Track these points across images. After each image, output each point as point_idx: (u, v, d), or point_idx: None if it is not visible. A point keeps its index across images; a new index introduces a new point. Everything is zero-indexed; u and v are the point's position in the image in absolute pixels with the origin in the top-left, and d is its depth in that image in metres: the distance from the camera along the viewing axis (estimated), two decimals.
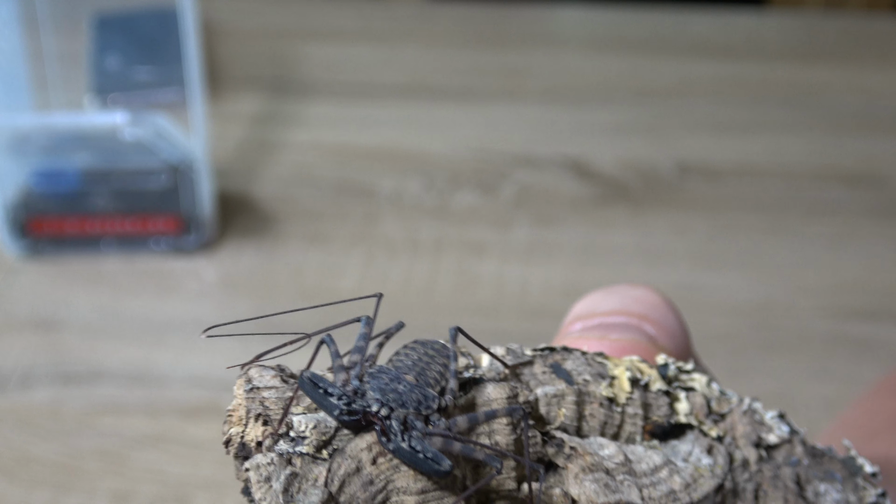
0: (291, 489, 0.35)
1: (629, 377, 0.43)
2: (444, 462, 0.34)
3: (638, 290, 0.51)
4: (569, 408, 0.42)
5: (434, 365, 0.39)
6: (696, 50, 1.42)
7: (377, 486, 0.35)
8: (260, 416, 0.38)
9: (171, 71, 1.15)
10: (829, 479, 0.46)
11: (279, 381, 0.39)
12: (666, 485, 0.41)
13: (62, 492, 0.84)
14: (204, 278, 1.04)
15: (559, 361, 0.43)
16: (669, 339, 0.49)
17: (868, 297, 1.04)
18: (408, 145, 1.23)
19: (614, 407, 0.43)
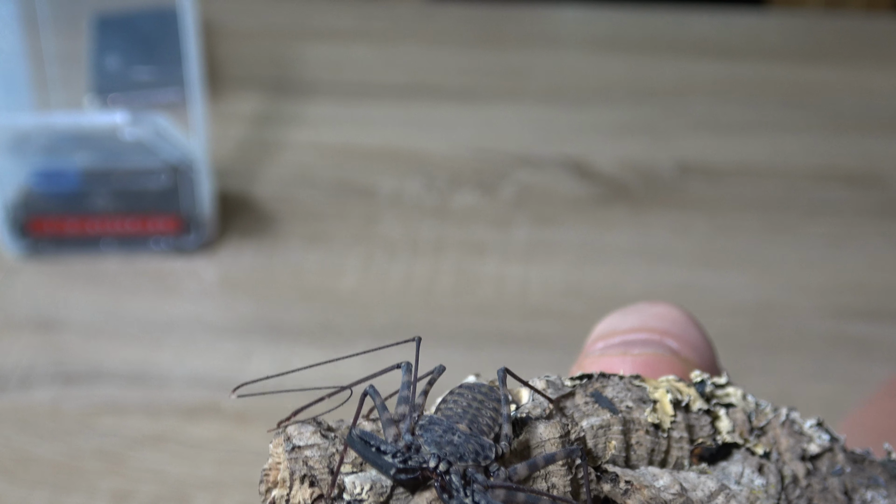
0: None
1: (670, 399, 0.43)
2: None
3: (658, 307, 0.51)
4: (616, 438, 0.41)
5: (485, 410, 0.37)
6: (696, 50, 1.42)
7: None
8: (306, 478, 0.36)
9: (171, 71, 1.15)
10: (874, 486, 0.46)
11: (319, 437, 0.38)
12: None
13: (62, 492, 0.84)
14: (204, 278, 1.04)
15: (599, 389, 0.42)
16: (693, 352, 0.49)
17: (868, 297, 1.04)
18: (408, 145, 1.23)
19: (660, 433, 0.42)
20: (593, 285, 1.11)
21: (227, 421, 0.88)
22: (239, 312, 1.00)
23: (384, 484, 0.35)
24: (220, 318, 1.00)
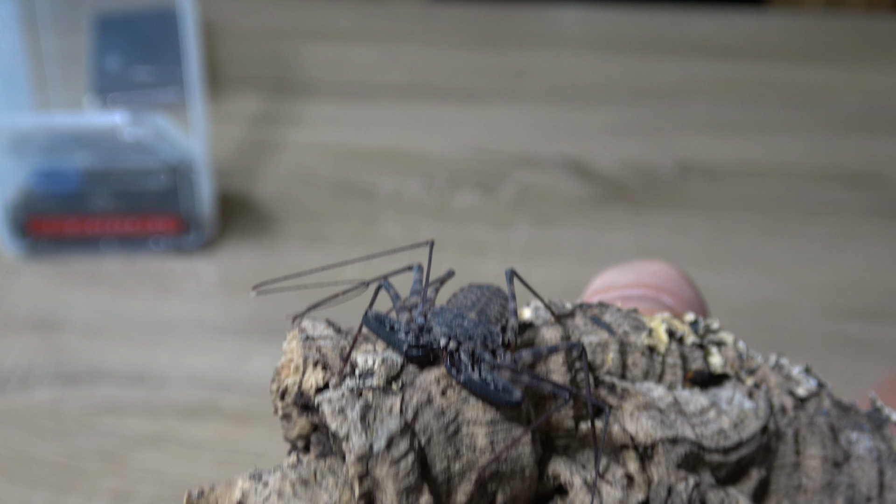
0: (368, 418, 0.35)
1: (665, 329, 0.45)
2: (516, 393, 0.35)
3: (653, 265, 0.53)
4: (614, 356, 0.43)
5: (493, 304, 0.40)
6: (696, 50, 1.42)
7: (449, 417, 0.36)
8: (318, 363, 0.38)
9: (171, 71, 1.15)
10: (859, 429, 0.48)
11: (332, 331, 0.40)
12: (716, 424, 0.42)
13: (62, 492, 0.84)
14: (204, 278, 1.04)
15: (598, 314, 0.44)
16: (686, 307, 0.51)
17: (868, 297, 1.04)
18: (408, 145, 1.23)
19: (655, 356, 0.44)
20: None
21: (227, 421, 0.88)
22: (239, 312, 1.00)
23: (395, 360, 0.37)
24: (219, 318, 1.00)
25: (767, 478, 0.45)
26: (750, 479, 0.43)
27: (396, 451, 0.34)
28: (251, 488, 0.35)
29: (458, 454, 0.36)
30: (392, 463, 0.34)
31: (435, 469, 0.36)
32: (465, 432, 0.36)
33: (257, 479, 0.36)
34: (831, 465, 0.46)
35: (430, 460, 0.36)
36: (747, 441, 0.43)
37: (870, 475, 0.46)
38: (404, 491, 0.34)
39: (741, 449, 0.43)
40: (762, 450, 0.44)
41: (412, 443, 0.35)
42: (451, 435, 0.36)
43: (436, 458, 0.36)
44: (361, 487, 0.34)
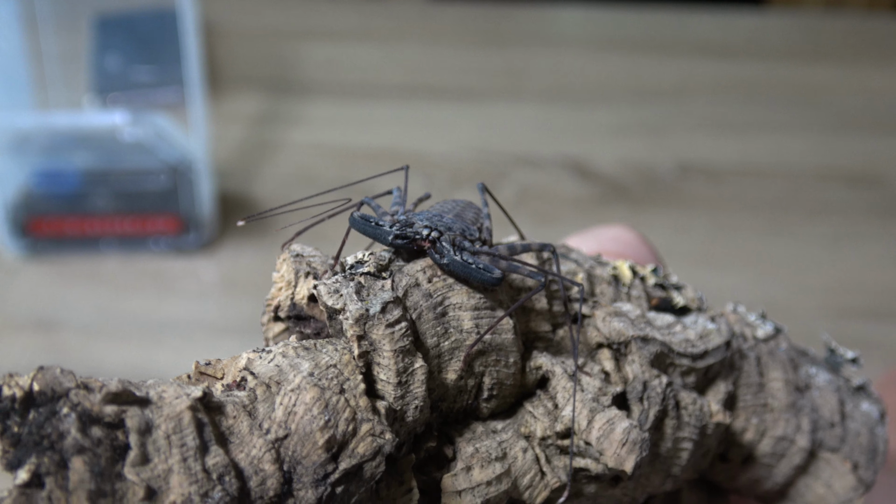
0: (362, 293, 0.37)
1: (629, 266, 0.48)
2: (496, 271, 0.38)
3: (613, 230, 0.56)
4: (583, 281, 0.46)
5: (468, 211, 0.43)
6: (696, 50, 1.42)
7: (436, 300, 0.39)
8: (309, 274, 0.41)
9: (171, 71, 1.15)
10: (817, 365, 0.51)
11: (320, 252, 0.43)
12: (682, 335, 0.45)
13: None
14: (203, 278, 1.04)
15: (564, 252, 0.48)
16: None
17: (868, 297, 1.04)
18: (408, 145, 1.23)
19: (620, 286, 0.47)
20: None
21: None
22: (239, 312, 1.00)
23: (383, 255, 0.40)
24: (219, 318, 1.00)
25: (734, 394, 0.47)
26: (718, 392, 0.46)
27: (391, 316, 0.37)
28: (256, 357, 0.37)
29: (446, 332, 0.39)
30: (387, 325, 0.36)
31: (426, 343, 0.38)
32: (451, 315, 0.39)
33: (261, 351, 0.37)
34: (794, 388, 0.48)
35: (421, 335, 0.38)
36: (712, 351, 0.45)
37: (831, 403, 0.49)
38: (400, 351, 0.36)
39: (707, 357, 0.45)
40: (727, 365, 0.46)
41: (405, 314, 0.37)
42: (439, 315, 0.39)
43: (427, 333, 0.38)
44: (360, 347, 0.36)
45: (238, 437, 0.34)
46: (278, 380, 0.35)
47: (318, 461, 0.34)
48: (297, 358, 0.36)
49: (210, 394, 0.34)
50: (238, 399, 0.35)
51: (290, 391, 0.35)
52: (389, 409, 0.36)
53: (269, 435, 0.34)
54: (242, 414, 0.34)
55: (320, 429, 0.34)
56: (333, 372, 0.36)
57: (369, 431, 0.35)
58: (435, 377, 0.38)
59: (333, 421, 0.34)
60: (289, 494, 0.34)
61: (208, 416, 0.34)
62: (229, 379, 0.36)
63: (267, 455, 0.34)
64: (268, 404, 0.35)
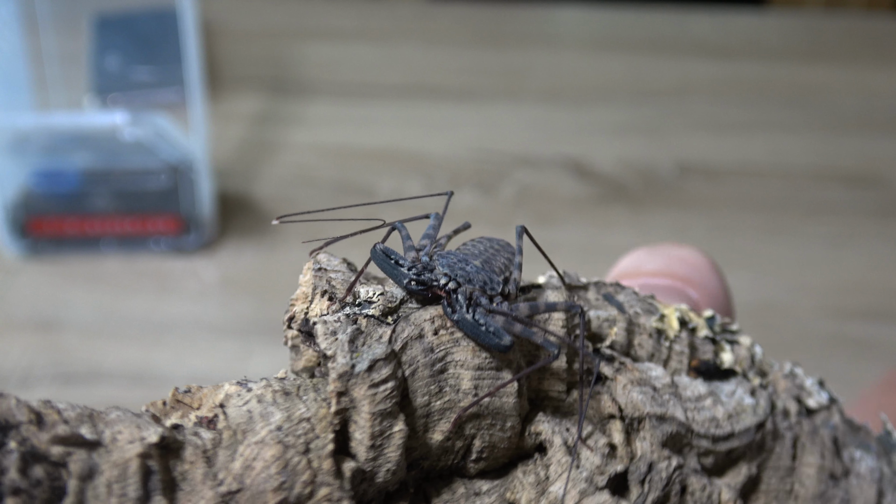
0: (357, 342, 0.36)
1: (678, 317, 0.45)
2: (506, 337, 0.36)
3: (683, 251, 0.51)
4: (620, 333, 0.43)
5: (500, 257, 0.41)
6: (696, 50, 1.42)
7: (437, 355, 0.37)
8: (326, 293, 0.39)
9: (171, 71, 1.15)
10: (865, 448, 0.47)
11: (345, 266, 0.41)
12: (709, 411, 0.42)
13: None
14: (204, 278, 1.04)
15: (612, 293, 0.45)
16: (712, 303, 0.50)
17: (868, 297, 1.04)
18: (408, 145, 1.23)
19: (663, 340, 0.44)
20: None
21: None
22: (239, 312, 1.00)
23: (395, 295, 0.38)
24: (220, 318, 1.00)
25: (758, 476, 0.44)
26: (739, 474, 0.43)
27: (377, 375, 0.35)
28: (235, 392, 0.36)
29: (440, 391, 0.37)
30: (371, 385, 0.35)
31: (415, 402, 0.36)
32: (451, 373, 0.37)
33: (243, 384, 0.36)
34: (828, 476, 0.45)
35: (411, 392, 0.36)
36: (739, 434, 0.42)
37: (867, 494, 0.46)
38: (379, 414, 0.35)
39: (732, 440, 0.42)
40: (755, 446, 0.44)
41: (395, 372, 0.36)
42: (436, 372, 0.37)
43: (418, 391, 0.36)
44: (338, 404, 0.35)
45: (189, 485, 0.33)
46: (245, 428, 0.34)
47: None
48: (272, 405, 0.35)
49: (170, 437, 0.33)
50: (200, 442, 0.34)
51: (253, 443, 0.34)
52: (358, 470, 0.35)
53: (222, 487, 0.33)
54: (200, 460, 0.34)
55: (273, 490, 0.33)
56: (304, 427, 0.34)
57: (326, 497, 0.34)
58: (419, 437, 0.37)
59: (290, 482, 0.34)
60: None
61: (160, 463, 0.33)
62: (204, 411, 0.35)
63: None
64: (230, 452, 0.34)
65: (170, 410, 0.37)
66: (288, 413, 0.35)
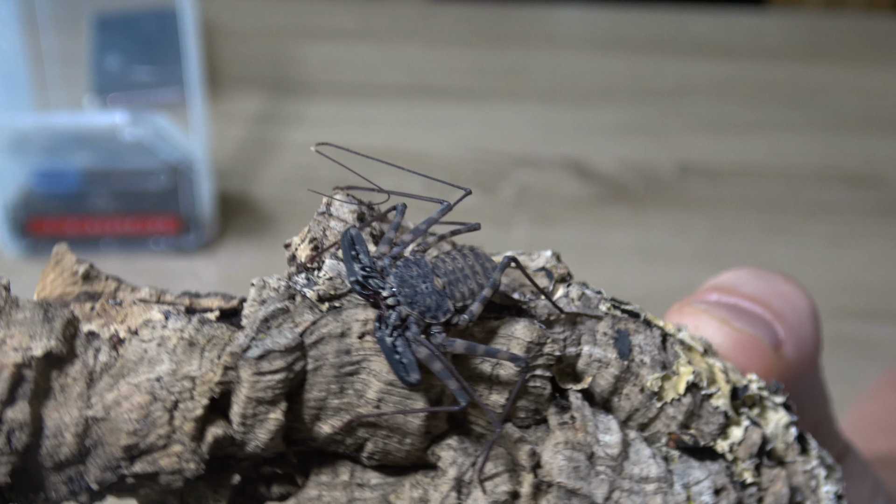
0: (272, 322, 0.36)
1: (690, 381, 0.41)
2: (413, 375, 0.35)
3: (790, 287, 0.48)
4: (606, 379, 0.40)
5: (472, 281, 0.38)
6: (696, 50, 1.42)
7: (352, 358, 0.36)
8: (314, 241, 0.39)
9: (171, 71, 1.15)
10: None
11: (353, 217, 0.41)
12: (642, 499, 0.39)
13: None
14: (204, 278, 1.04)
15: (630, 331, 0.41)
16: (796, 349, 0.46)
17: (868, 297, 1.04)
18: (408, 145, 1.23)
19: (654, 401, 0.41)
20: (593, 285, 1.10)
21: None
22: None
23: (351, 283, 0.37)
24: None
25: None
26: None
27: (266, 366, 0.35)
28: (154, 322, 0.36)
29: (341, 391, 0.36)
30: (255, 373, 0.35)
31: (310, 394, 0.36)
32: (360, 378, 0.36)
33: (168, 315, 0.37)
34: None
35: (308, 385, 0.36)
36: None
37: None
38: (255, 400, 0.35)
39: None
40: None
41: (292, 365, 0.35)
42: (343, 374, 0.36)
43: (315, 386, 0.36)
44: (223, 376, 0.35)
45: (63, 398, 0.35)
46: (131, 367, 0.35)
47: (115, 454, 0.35)
48: (167, 353, 0.35)
49: (59, 352, 0.35)
50: (91, 363, 0.35)
51: (130, 383, 0.35)
52: (226, 436, 0.35)
53: (89, 411, 0.35)
54: (83, 380, 0.35)
55: (127, 433, 0.35)
56: (184, 385, 0.35)
57: (176, 453, 0.35)
58: (305, 424, 0.36)
59: (144, 432, 0.35)
60: (80, 463, 0.35)
61: (40, 372, 0.34)
62: (122, 330, 0.36)
63: (74, 428, 0.35)
64: (112, 382, 0.35)
65: (95, 316, 0.37)
66: (176, 366, 0.35)
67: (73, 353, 0.35)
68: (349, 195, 0.42)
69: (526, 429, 0.39)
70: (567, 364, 0.40)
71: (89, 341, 0.36)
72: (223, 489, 0.37)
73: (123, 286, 0.41)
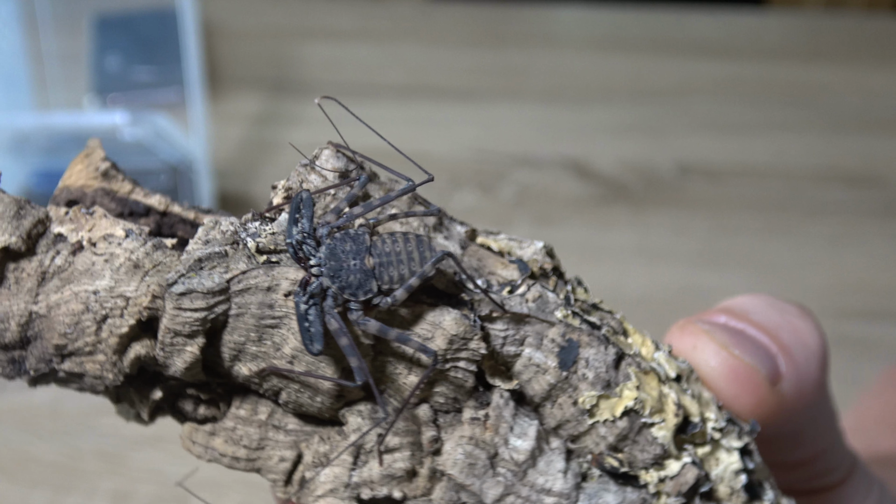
0: (206, 263, 0.37)
1: (630, 407, 0.40)
2: (316, 345, 0.36)
3: (802, 323, 0.46)
4: (541, 385, 0.40)
5: (403, 267, 0.38)
6: (696, 50, 1.42)
7: (274, 313, 0.37)
8: (289, 191, 0.41)
9: (171, 71, 1.15)
10: None
11: (336, 175, 0.42)
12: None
13: (62, 492, 0.83)
14: None
15: (582, 343, 0.40)
16: (795, 386, 0.44)
17: (868, 297, 1.04)
18: (408, 145, 1.22)
19: (585, 416, 0.40)
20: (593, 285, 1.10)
21: None
22: None
23: (286, 243, 0.38)
24: None
25: None
26: None
27: (186, 303, 0.37)
28: (113, 238, 0.38)
29: (260, 340, 0.38)
30: (175, 307, 0.37)
31: (230, 337, 0.38)
32: (280, 332, 0.37)
33: (129, 233, 0.39)
34: None
35: (230, 328, 0.37)
36: None
37: None
38: (173, 331, 0.37)
39: None
40: None
41: (213, 307, 0.37)
42: (264, 325, 0.37)
43: (236, 331, 0.37)
44: (151, 303, 0.37)
45: (15, 289, 0.38)
46: (76, 277, 0.37)
47: (48, 349, 0.38)
48: (111, 271, 0.37)
49: (18, 249, 0.38)
50: (48, 264, 0.38)
51: (71, 290, 0.38)
52: (149, 356, 0.38)
53: (35, 306, 0.38)
54: (36, 276, 0.38)
55: (59, 334, 0.38)
56: (117, 303, 0.37)
57: (99, 361, 0.38)
58: (224, 362, 0.38)
59: (73, 336, 0.38)
60: (22, 349, 0.38)
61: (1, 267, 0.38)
62: (85, 238, 0.38)
63: (19, 318, 0.38)
64: (60, 285, 0.38)
65: (67, 220, 0.39)
66: (114, 284, 0.37)
67: (33, 251, 0.38)
68: (342, 152, 0.43)
69: (446, 413, 0.39)
70: (502, 362, 0.40)
71: (54, 243, 0.38)
72: (146, 400, 0.40)
73: (137, 189, 0.45)
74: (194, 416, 0.40)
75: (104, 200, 0.44)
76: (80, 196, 0.44)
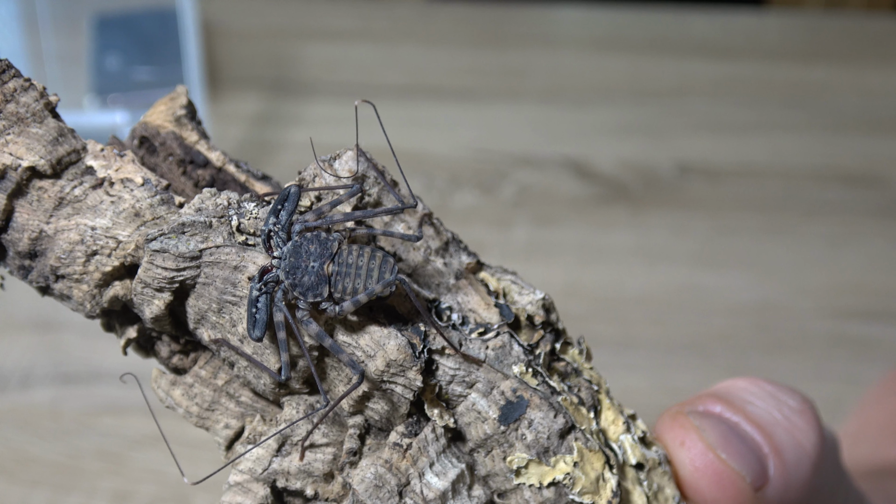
0: (189, 229, 0.40)
1: (559, 480, 0.40)
2: (256, 332, 0.38)
3: (801, 420, 0.44)
4: (477, 432, 0.40)
5: (358, 281, 0.39)
6: (696, 50, 1.42)
7: (236, 292, 0.39)
8: (303, 181, 0.44)
9: (171, 71, 1.15)
10: None
11: (347, 172, 0.46)
12: None
13: (62, 492, 0.83)
14: None
15: (532, 405, 0.40)
16: (781, 492, 0.43)
17: (868, 297, 1.04)
18: (408, 145, 1.23)
19: (512, 475, 0.40)
20: (593, 285, 1.11)
21: None
22: None
23: (262, 230, 0.40)
24: None
25: None
26: None
27: (157, 260, 0.39)
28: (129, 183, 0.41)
29: (220, 311, 0.40)
30: (149, 261, 0.39)
31: (195, 301, 0.40)
32: (238, 310, 0.39)
33: (145, 182, 0.41)
34: None
35: (196, 293, 0.40)
36: None
37: None
38: (142, 282, 0.40)
39: None
40: None
41: (182, 270, 0.39)
42: (225, 300, 0.40)
43: (201, 298, 0.40)
44: (135, 251, 0.40)
45: (34, 206, 0.41)
46: (82, 211, 0.41)
47: (47, 267, 0.42)
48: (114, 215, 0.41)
49: (43, 170, 0.41)
50: (68, 191, 0.41)
51: (75, 221, 0.41)
52: (128, 298, 0.42)
53: (46, 226, 0.41)
54: (55, 200, 0.41)
55: (56, 256, 0.41)
56: (108, 243, 0.41)
57: (83, 291, 0.42)
58: (189, 322, 0.41)
59: (66, 261, 0.41)
60: (30, 259, 0.42)
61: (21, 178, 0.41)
62: (112, 176, 0.41)
63: (30, 233, 0.41)
64: (71, 213, 0.41)
65: (102, 157, 0.43)
66: (111, 225, 0.41)
67: (58, 176, 0.42)
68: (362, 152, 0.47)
69: (379, 431, 0.40)
70: (445, 399, 0.40)
71: (83, 174, 0.42)
72: (126, 340, 0.44)
73: (202, 141, 0.47)
74: (167, 362, 0.44)
75: (173, 144, 0.47)
76: (153, 134, 0.48)
